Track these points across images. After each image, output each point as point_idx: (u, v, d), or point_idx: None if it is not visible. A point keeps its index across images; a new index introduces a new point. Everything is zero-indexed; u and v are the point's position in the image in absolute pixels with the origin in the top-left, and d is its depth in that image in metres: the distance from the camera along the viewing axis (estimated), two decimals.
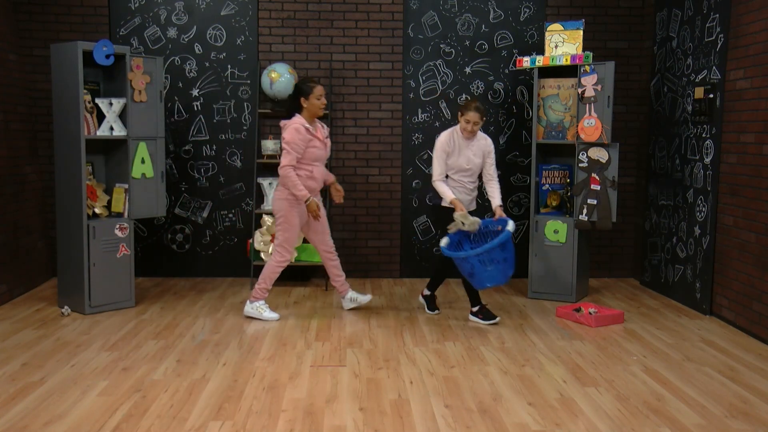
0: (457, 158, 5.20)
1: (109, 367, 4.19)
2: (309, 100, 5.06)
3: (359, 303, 5.53)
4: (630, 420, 3.52)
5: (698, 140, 5.56)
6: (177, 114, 6.50)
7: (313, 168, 5.14)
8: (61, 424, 3.40)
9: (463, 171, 5.23)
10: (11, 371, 4.10)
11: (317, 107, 5.09)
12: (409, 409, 3.63)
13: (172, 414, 3.54)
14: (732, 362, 4.39)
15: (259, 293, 5.28)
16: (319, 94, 5.08)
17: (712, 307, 5.43)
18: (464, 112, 5.13)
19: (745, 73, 5.01)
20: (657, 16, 6.31)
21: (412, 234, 6.73)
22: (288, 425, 3.42)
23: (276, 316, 5.25)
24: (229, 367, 4.23)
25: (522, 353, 4.54)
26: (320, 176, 5.22)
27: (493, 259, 4.82)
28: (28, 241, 6.05)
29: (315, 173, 5.16)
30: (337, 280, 5.49)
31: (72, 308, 5.39)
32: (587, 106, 5.65)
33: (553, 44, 5.83)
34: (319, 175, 5.20)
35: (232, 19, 6.47)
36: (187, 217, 6.61)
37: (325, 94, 5.16)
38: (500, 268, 4.84)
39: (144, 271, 6.59)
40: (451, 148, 5.18)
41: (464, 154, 5.20)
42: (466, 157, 5.21)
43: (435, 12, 6.55)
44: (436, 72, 6.59)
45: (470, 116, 5.10)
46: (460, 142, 5.19)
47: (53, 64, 5.35)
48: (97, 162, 5.65)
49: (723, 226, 5.27)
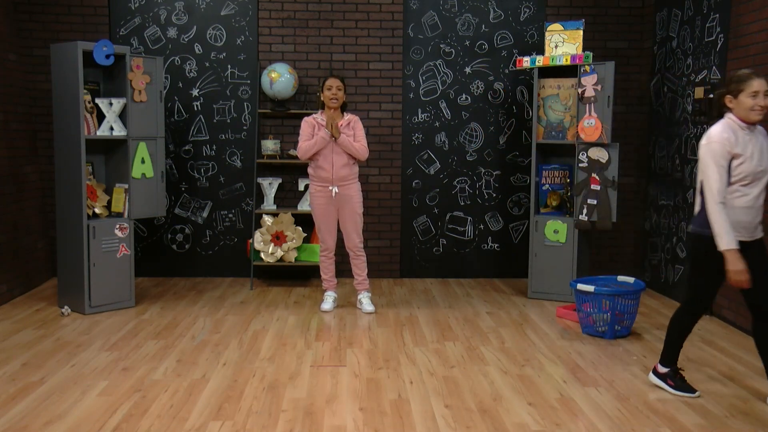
0: (750, 161, 3.57)
1: (109, 367, 4.19)
2: (322, 91, 5.31)
3: (362, 308, 5.55)
4: (630, 420, 3.52)
5: (698, 140, 5.55)
6: (177, 114, 6.50)
7: (319, 156, 5.30)
8: (61, 424, 3.40)
9: (756, 177, 3.59)
10: (11, 371, 4.10)
11: (326, 99, 5.27)
12: (409, 409, 3.63)
13: (172, 414, 3.54)
14: (732, 362, 4.39)
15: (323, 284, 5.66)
16: (327, 86, 5.27)
17: (712, 307, 5.43)
18: (746, 83, 3.57)
19: None
20: (657, 16, 6.31)
21: (412, 234, 6.73)
22: (288, 425, 3.42)
23: (324, 308, 5.54)
24: (229, 367, 4.23)
25: (522, 353, 4.54)
26: (328, 165, 5.29)
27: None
28: (28, 241, 6.05)
29: (320, 162, 5.29)
30: (354, 278, 5.61)
31: (72, 308, 5.39)
32: (587, 106, 5.65)
33: (553, 44, 5.83)
34: (325, 164, 5.29)
35: (232, 19, 6.47)
36: (187, 217, 6.61)
37: (337, 85, 5.27)
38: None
39: (144, 271, 6.59)
40: (738, 148, 3.56)
41: (752, 151, 3.58)
42: (756, 155, 3.58)
43: (435, 12, 6.55)
44: (436, 72, 6.59)
45: (759, 85, 3.53)
46: (744, 136, 3.60)
47: (53, 64, 5.34)
48: (97, 162, 5.65)
49: None
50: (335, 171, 5.28)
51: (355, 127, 5.35)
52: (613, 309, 4.77)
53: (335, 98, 5.26)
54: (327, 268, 5.57)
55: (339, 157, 5.28)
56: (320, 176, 5.33)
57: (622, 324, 4.85)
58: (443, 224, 6.72)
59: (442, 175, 6.68)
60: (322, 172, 5.31)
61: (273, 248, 6.23)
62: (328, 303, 5.55)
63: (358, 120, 5.40)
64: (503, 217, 6.75)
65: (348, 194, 5.36)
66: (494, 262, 6.78)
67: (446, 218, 6.72)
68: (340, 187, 5.32)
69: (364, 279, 5.56)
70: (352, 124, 5.35)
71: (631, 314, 4.86)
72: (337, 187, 5.31)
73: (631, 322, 4.89)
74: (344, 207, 5.38)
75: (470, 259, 6.76)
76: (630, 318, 4.87)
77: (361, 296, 5.56)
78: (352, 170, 5.37)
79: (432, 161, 6.67)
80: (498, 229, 6.76)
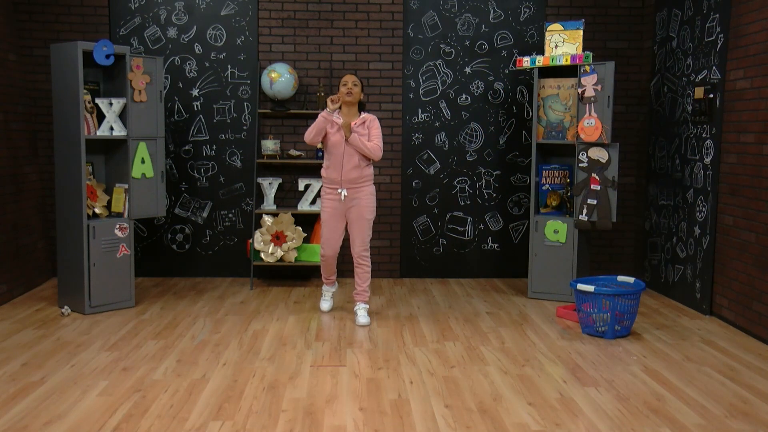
0: None
1: (109, 367, 4.19)
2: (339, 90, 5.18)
3: (357, 320, 5.23)
4: (630, 420, 3.52)
5: (698, 140, 5.56)
6: (177, 114, 6.50)
7: (330, 157, 5.16)
8: (61, 424, 3.40)
9: None
10: (11, 371, 4.10)
11: (341, 94, 5.11)
12: (409, 409, 3.63)
13: (172, 414, 3.54)
14: (732, 362, 4.39)
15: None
16: (343, 82, 5.13)
17: (712, 307, 5.43)
18: None
19: (745, 73, 5.01)
20: (657, 16, 6.31)
21: (412, 234, 6.73)
22: (288, 425, 3.42)
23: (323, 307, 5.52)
24: (229, 367, 4.23)
25: (522, 353, 4.54)
26: (338, 166, 5.12)
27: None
28: (28, 241, 6.05)
29: (331, 162, 5.15)
30: (354, 287, 5.35)
31: (72, 308, 5.39)
32: (587, 106, 5.65)
33: (553, 44, 5.83)
34: (336, 164, 5.12)
35: (232, 19, 6.47)
36: (187, 217, 6.61)
37: (353, 80, 5.11)
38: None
39: (144, 271, 6.59)
40: None
41: None
42: None
43: (435, 12, 6.55)
44: (436, 72, 6.59)
45: None
46: None
47: (53, 64, 5.35)
48: (97, 162, 5.65)
49: (723, 226, 5.27)
50: (344, 173, 5.09)
51: (370, 126, 5.13)
52: (613, 309, 4.77)
53: (350, 92, 5.06)
54: (327, 269, 5.42)
55: (350, 158, 5.07)
56: (330, 177, 5.16)
57: (622, 324, 4.85)
58: (443, 224, 6.73)
59: (442, 175, 6.68)
60: (331, 173, 5.14)
61: (273, 248, 6.23)
62: (326, 302, 5.49)
63: (375, 119, 5.18)
64: (503, 217, 6.75)
65: (357, 197, 5.14)
66: (494, 262, 6.78)
67: (446, 218, 6.72)
68: (350, 190, 5.12)
69: (364, 290, 5.26)
70: (368, 123, 5.14)
71: (631, 314, 4.86)
72: (346, 190, 5.12)
73: (631, 322, 4.89)
74: (352, 211, 5.17)
75: (470, 259, 6.76)
76: (630, 318, 4.87)
77: (357, 308, 5.26)
78: (363, 173, 5.13)
79: (432, 161, 6.67)
80: (498, 229, 6.76)
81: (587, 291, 4.83)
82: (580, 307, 4.94)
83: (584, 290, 4.84)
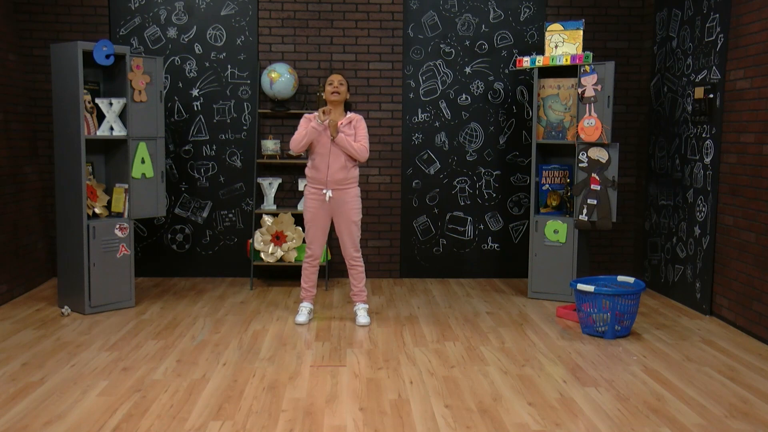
0: None
1: (109, 367, 4.19)
2: (324, 90, 5.14)
3: (357, 321, 5.22)
4: (630, 420, 3.52)
5: (698, 140, 5.56)
6: (177, 114, 6.50)
7: (316, 157, 5.06)
8: (61, 424, 3.40)
9: None
10: (11, 371, 4.10)
11: (327, 93, 5.08)
12: (409, 409, 3.63)
13: (172, 414, 3.54)
14: (732, 362, 4.39)
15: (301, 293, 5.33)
16: (329, 81, 5.08)
17: (712, 307, 5.43)
18: None
19: (745, 73, 5.01)
20: (657, 16, 6.31)
21: (412, 234, 6.73)
22: (288, 425, 3.42)
23: (299, 320, 5.19)
24: (229, 367, 4.23)
25: (522, 353, 4.54)
26: (323, 167, 5.01)
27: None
28: (28, 241, 6.05)
29: (316, 162, 5.05)
30: (351, 289, 5.31)
31: (72, 308, 5.39)
32: (587, 106, 5.65)
33: (553, 44, 5.83)
34: (321, 165, 5.02)
35: (232, 19, 6.47)
36: (187, 217, 6.61)
37: (338, 80, 5.05)
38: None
39: (144, 271, 6.59)
40: None
41: None
42: None
43: (435, 12, 6.55)
44: (436, 72, 6.59)
45: None
46: None
47: (53, 64, 5.35)
48: (97, 162, 5.65)
49: (723, 226, 5.27)
50: (330, 173, 4.99)
51: (357, 126, 5.05)
52: (613, 309, 4.77)
53: (337, 92, 5.02)
54: (308, 276, 5.24)
55: (336, 159, 4.98)
56: (315, 178, 5.04)
57: (622, 324, 4.85)
58: (443, 224, 6.73)
59: (442, 175, 6.68)
60: (317, 174, 5.03)
61: (273, 248, 6.23)
62: (302, 315, 5.19)
63: (362, 119, 5.10)
64: (503, 217, 6.75)
65: (343, 199, 5.05)
66: (494, 262, 6.78)
67: (446, 218, 6.72)
68: (335, 191, 5.02)
69: (361, 290, 5.23)
70: (354, 123, 5.05)
71: (631, 314, 4.86)
72: (332, 191, 5.02)
73: (631, 322, 4.89)
74: (338, 213, 5.08)
75: (470, 259, 6.76)
76: (630, 318, 4.87)
77: (357, 308, 5.24)
78: (349, 174, 5.04)
79: (432, 161, 6.67)
80: (498, 229, 6.76)
81: (587, 291, 4.83)
82: (580, 307, 4.94)
83: (584, 290, 4.85)
